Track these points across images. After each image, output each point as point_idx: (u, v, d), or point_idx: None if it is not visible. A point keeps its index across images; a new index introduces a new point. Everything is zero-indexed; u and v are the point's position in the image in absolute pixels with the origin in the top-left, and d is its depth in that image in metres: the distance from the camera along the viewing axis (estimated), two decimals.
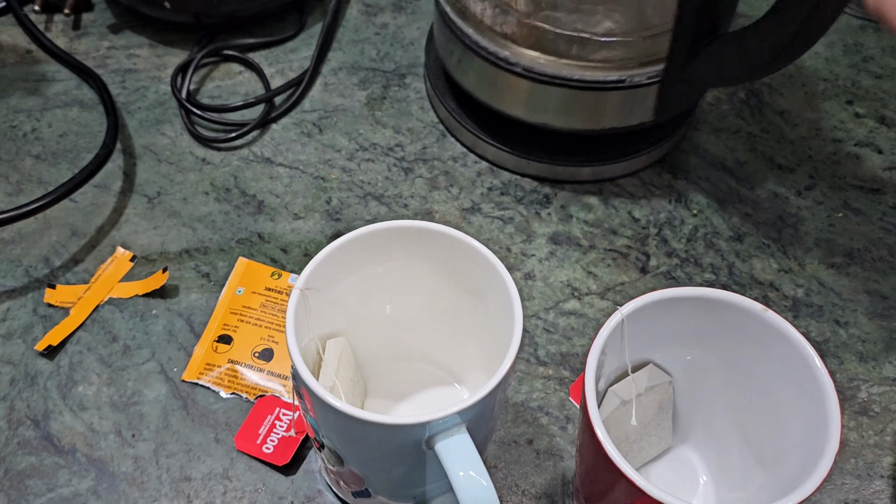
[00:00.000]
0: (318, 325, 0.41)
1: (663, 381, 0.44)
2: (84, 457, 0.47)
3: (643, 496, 0.35)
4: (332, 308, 0.42)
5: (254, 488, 0.46)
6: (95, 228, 0.57)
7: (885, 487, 0.48)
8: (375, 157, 0.61)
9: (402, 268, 0.43)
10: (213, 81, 0.65)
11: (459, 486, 0.35)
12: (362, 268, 0.42)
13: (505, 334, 0.38)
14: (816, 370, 0.37)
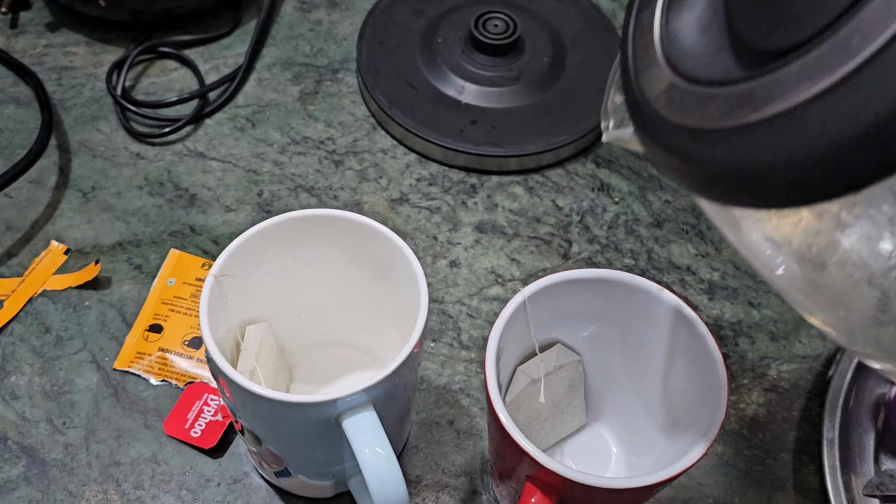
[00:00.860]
0: (236, 312, 0.43)
1: (572, 360, 0.46)
2: (15, 444, 0.48)
3: (539, 468, 0.36)
4: (251, 296, 0.44)
5: (182, 471, 0.48)
6: (30, 223, 0.58)
7: (789, 460, 0.50)
8: (307, 151, 0.62)
9: (315, 256, 0.44)
10: (149, 78, 0.67)
11: (364, 462, 0.36)
12: (277, 256, 0.43)
13: (415, 313, 0.40)
14: (707, 343, 0.40)
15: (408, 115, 0.62)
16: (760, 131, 0.19)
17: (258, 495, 0.47)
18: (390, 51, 0.66)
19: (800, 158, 0.18)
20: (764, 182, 0.20)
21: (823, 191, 0.19)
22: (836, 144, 0.18)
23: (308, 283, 0.46)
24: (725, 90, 0.21)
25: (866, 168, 0.18)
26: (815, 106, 0.18)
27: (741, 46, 0.22)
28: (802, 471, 0.50)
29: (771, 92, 0.20)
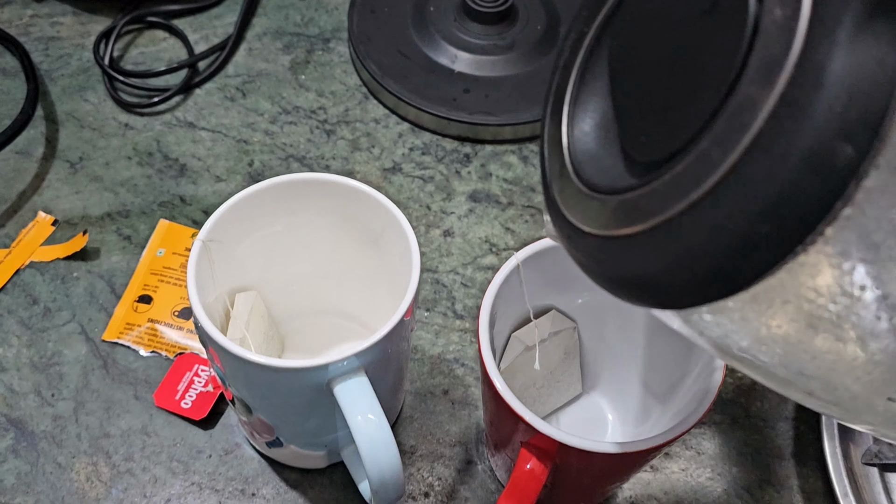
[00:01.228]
0: (225, 280, 0.42)
1: (567, 326, 0.45)
2: (3, 417, 0.47)
3: (534, 433, 0.36)
4: (240, 264, 0.43)
5: (172, 443, 0.47)
6: (17, 194, 0.57)
7: (787, 429, 0.50)
8: (298, 120, 0.61)
9: (305, 222, 0.43)
10: (137, 48, 0.65)
11: (356, 427, 0.36)
12: (266, 223, 0.43)
13: (407, 279, 0.39)
14: None
15: (400, 84, 0.61)
16: (643, 240, 0.20)
17: (250, 466, 0.47)
18: (382, 19, 0.65)
19: (680, 266, 0.19)
20: (653, 286, 0.21)
21: (710, 293, 0.20)
22: (709, 252, 0.19)
23: (298, 250, 0.45)
24: (617, 199, 0.22)
25: (745, 268, 0.19)
26: (687, 217, 0.19)
27: (629, 156, 0.23)
28: (801, 440, 0.49)
29: (650, 203, 0.21)
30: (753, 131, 0.18)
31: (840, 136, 0.17)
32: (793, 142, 0.17)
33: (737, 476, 0.48)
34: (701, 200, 0.19)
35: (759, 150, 0.17)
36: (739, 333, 0.22)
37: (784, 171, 0.17)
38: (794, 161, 0.17)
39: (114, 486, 0.45)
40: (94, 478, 0.46)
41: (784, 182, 0.17)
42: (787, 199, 0.17)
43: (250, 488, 0.46)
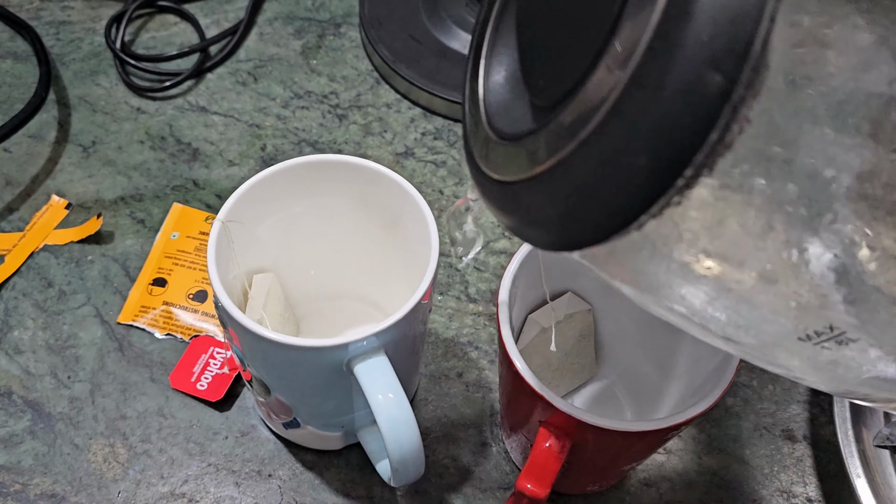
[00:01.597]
0: (243, 261, 0.42)
1: (582, 308, 0.45)
2: (20, 398, 0.48)
3: (553, 412, 0.36)
4: (258, 245, 0.43)
5: (188, 424, 0.47)
6: (30, 177, 0.57)
7: (800, 412, 0.50)
8: (310, 105, 0.61)
9: (323, 204, 0.43)
10: (148, 32, 0.65)
11: (377, 405, 0.36)
12: (285, 204, 0.43)
13: (425, 263, 0.39)
14: None
15: (412, 68, 0.61)
16: (540, 183, 0.21)
17: (266, 448, 0.47)
18: (393, 4, 0.65)
19: (574, 205, 0.20)
20: (553, 228, 0.21)
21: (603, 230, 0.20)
22: (599, 189, 0.19)
23: (316, 232, 0.45)
24: (520, 145, 0.23)
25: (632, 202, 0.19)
26: (576, 156, 0.20)
27: (533, 102, 0.24)
28: (813, 422, 0.50)
29: (545, 146, 0.21)
30: (631, 67, 0.18)
31: (709, 64, 0.17)
32: (666, 74, 0.17)
33: (749, 458, 0.48)
34: (588, 139, 0.19)
35: (636, 86, 0.18)
36: (643, 274, 0.22)
37: (659, 104, 0.18)
38: (667, 93, 0.17)
39: (131, 467, 0.46)
40: (111, 459, 0.46)
41: (660, 115, 0.18)
42: (664, 132, 0.18)
43: (266, 469, 0.46)
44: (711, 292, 0.21)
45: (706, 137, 0.18)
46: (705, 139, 0.18)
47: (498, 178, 0.23)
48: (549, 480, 0.37)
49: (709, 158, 0.18)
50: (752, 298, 0.21)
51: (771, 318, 0.21)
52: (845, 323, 0.21)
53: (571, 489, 0.45)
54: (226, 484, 0.45)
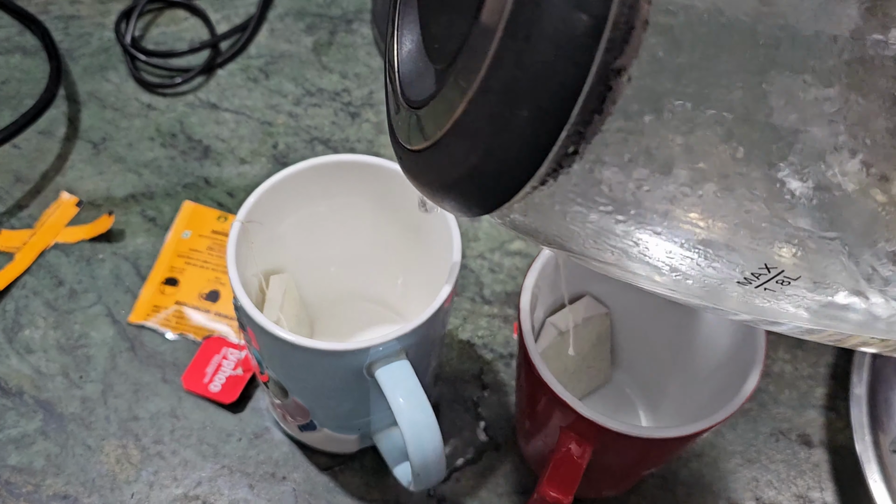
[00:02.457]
0: (261, 261, 0.42)
1: (600, 312, 0.45)
2: (31, 398, 0.47)
3: (576, 417, 0.36)
4: (276, 245, 0.43)
5: (202, 426, 0.47)
6: (40, 174, 0.56)
7: (816, 416, 0.50)
8: (322, 102, 0.61)
9: (344, 206, 0.43)
10: (158, 28, 0.65)
11: (399, 410, 0.35)
12: (305, 205, 0.42)
13: (445, 266, 0.39)
14: None
15: None
16: (442, 147, 0.21)
17: (280, 450, 0.46)
18: None
19: (476, 165, 0.20)
20: (463, 190, 0.21)
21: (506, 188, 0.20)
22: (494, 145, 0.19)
23: (337, 232, 0.44)
24: (424, 111, 0.23)
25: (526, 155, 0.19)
26: (468, 115, 0.19)
27: (434, 67, 0.24)
28: (830, 427, 0.49)
29: (441, 109, 0.21)
30: (504, 19, 0.18)
31: (574, 6, 0.17)
32: (534, 22, 0.17)
33: (766, 463, 0.48)
34: (475, 98, 0.19)
35: (509, 37, 0.18)
36: (566, 231, 0.22)
37: (532, 53, 0.17)
38: (538, 41, 0.17)
39: (144, 469, 0.45)
40: (124, 460, 0.45)
41: (534, 64, 0.17)
42: (540, 81, 0.17)
43: (280, 472, 0.46)
44: (636, 240, 0.21)
45: (583, 82, 0.17)
46: (582, 84, 0.17)
47: (410, 148, 0.23)
48: (573, 486, 0.36)
49: (598, 102, 0.18)
50: (681, 243, 0.21)
51: (704, 264, 0.21)
52: (781, 261, 0.21)
53: (588, 493, 0.45)
54: (240, 486, 0.45)
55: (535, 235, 0.23)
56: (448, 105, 0.20)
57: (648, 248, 0.21)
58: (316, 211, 0.43)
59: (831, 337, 0.24)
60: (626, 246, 0.21)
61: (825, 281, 0.21)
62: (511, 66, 0.18)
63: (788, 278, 0.21)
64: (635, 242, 0.21)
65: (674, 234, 0.20)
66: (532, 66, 0.17)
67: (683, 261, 0.21)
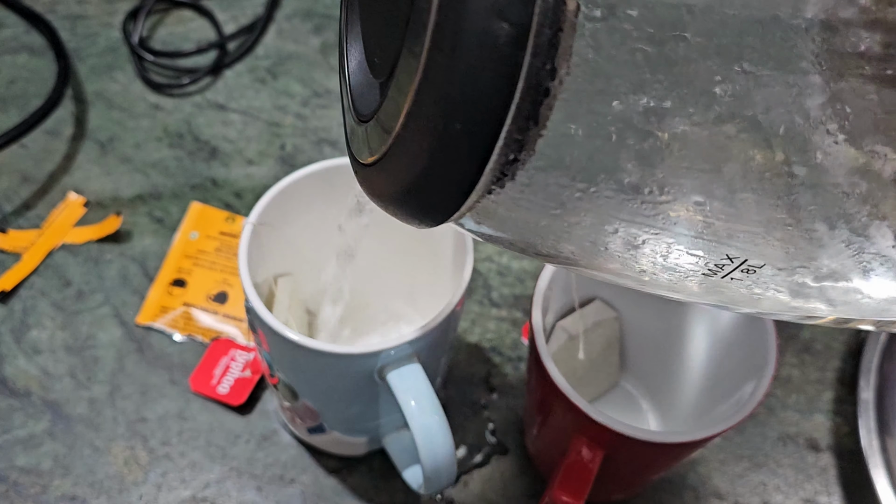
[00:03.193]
0: (271, 262, 0.42)
1: (609, 316, 0.45)
2: (39, 399, 0.47)
3: (588, 422, 0.36)
4: (286, 246, 0.42)
5: (209, 428, 0.47)
6: (47, 174, 0.56)
7: (824, 421, 0.50)
8: (330, 104, 0.61)
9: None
10: (166, 28, 0.65)
11: (411, 414, 0.35)
12: (316, 207, 0.42)
13: (456, 270, 0.39)
14: None
15: None
16: (389, 160, 0.21)
17: (288, 453, 0.46)
18: None
19: (421, 176, 0.20)
20: (415, 202, 0.21)
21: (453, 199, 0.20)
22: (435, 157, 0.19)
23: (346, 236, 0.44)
24: (370, 124, 0.23)
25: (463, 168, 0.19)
26: (408, 128, 0.19)
27: (377, 80, 0.24)
28: (837, 432, 0.49)
29: (384, 122, 0.21)
30: (429, 32, 0.18)
31: (494, 14, 0.17)
32: (458, 34, 0.17)
33: (774, 467, 0.48)
34: (411, 111, 0.19)
35: (436, 50, 0.18)
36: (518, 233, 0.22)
37: (458, 64, 0.17)
38: (463, 52, 0.17)
39: (152, 471, 0.45)
40: (131, 462, 0.45)
41: (462, 76, 0.17)
42: (470, 91, 0.17)
43: (289, 474, 0.46)
44: (591, 241, 0.21)
45: (513, 90, 0.17)
46: (513, 92, 0.17)
47: (361, 161, 0.23)
48: (584, 491, 0.36)
49: (533, 109, 0.17)
50: (637, 242, 0.21)
51: (662, 260, 0.21)
52: (742, 249, 0.20)
53: (597, 497, 0.45)
54: (248, 489, 0.45)
55: (496, 242, 0.23)
56: (389, 119, 0.20)
57: (606, 248, 0.21)
58: (326, 213, 0.43)
59: (832, 321, 0.24)
60: (582, 247, 0.21)
61: (790, 266, 0.21)
62: (440, 79, 0.18)
63: (753, 266, 0.21)
64: (591, 243, 0.21)
65: (628, 234, 0.20)
66: (460, 78, 0.17)
67: (642, 259, 0.21)
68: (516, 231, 0.22)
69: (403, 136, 0.20)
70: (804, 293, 0.22)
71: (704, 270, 0.21)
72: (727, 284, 0.22)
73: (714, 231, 0.20)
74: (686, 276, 0.22)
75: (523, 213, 0.20)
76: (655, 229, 0.20)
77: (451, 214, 0.20)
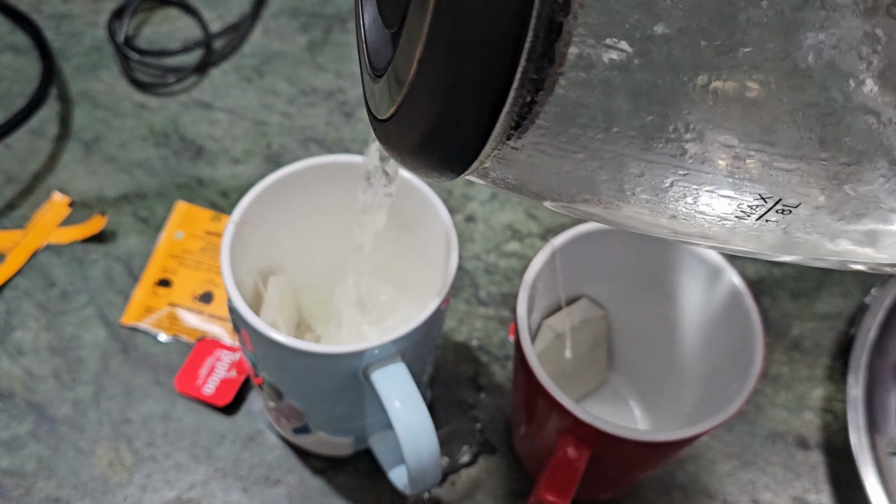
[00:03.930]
0: (256, 261, 0.41)
1: (597, 314, 0.44)
2: (23, 401, 0.47)
3: (574, 421, 0.35)
4: (271, 244, 0.42)
5: (194, 428, 0.46)
6: (31, 174, 0.56)
7: (813, 418, 0.50)
8: (316, 102, 0.60)
9: (338, 207, 0.43)
10: (151, 27, 0.64)
11: (395, 414, 0.35)
12: (299, 204, 0.42)
13: (441, 269, 0.39)
14: (740, 294, 0.39)
15: None
16: (406, 111, 0.20)
17: (274, 453, 0.46)
18: None
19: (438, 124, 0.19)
20: (434, 153, 0.21)
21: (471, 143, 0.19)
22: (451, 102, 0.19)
23: (330, 234, 0.44)
24: (385, 78, 0.22)
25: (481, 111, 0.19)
26: (422, 75, 0.19)
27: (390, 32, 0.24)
28: (826, 429, 0.49)
29: (398, 73, 0.21)
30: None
31: None
32: None
33: (763, 465, 0.47)
34: (423, 58, 0.18)
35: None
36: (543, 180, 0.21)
37: (466, 3, 0.17)
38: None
39: (136, 472, 0.45)
40: (116, 463, 0.45)
41: (470, 14, 0.17)
42: (481, 32, 0.17)
43: (274, 475, 0.45)
44: (618, 186, 0.20)
45: (526, 28, 0.17)
46: (525, 30, 0.17)
47: (379, 118, 0.23)
48: (571, 490, 0.36)
49: (548, 47, 0.17)
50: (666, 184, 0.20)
51: (692, 202, 0.21)
52: (776, 188, 0.20)
53: (585, 496, 0.45)
54: (233, 490, 0.45)
55: (520, 191, 0.22)
56: (402, 69, 0.20)
57: (633, 193, 0.21)
58: (310, 212, 0.43)
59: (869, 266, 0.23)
60: (609, 193, 0.21)
61: (826, 204, 0.20)
62: (450, 21, 0.17)
63: (788, 207, 0.20)
64: (617, 188, 0.21)
65: (655, 176, 0.20)
66: (470, 18, 0.17)
67: (671, 203, 0.21)
68: (541, 179, 0.21)
69: (417, 83, 0.19)
70: (841, 234, 0.21)
71: (737, 213, 0.20)
72: (762, 227, 0.21)
73: (745, 169, 0.19)
74: (718, 220, 0.21)
75: (546, 160, 0.20)
76: (683, 169, 0.19)
77: (471, 163, 0.20)
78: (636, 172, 0.20)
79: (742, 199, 0.20)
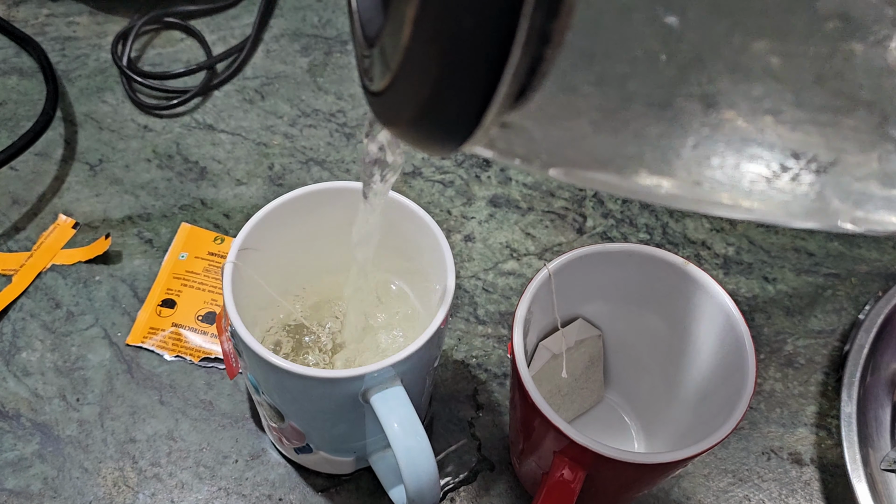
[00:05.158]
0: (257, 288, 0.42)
1: (592, 334, 0.45)
2: (29, 421, 0.48)
3: (569, 443, 0.36)
4: (271, 271, 0.43)
5: (199, 448, 0.47)
6: (37, 196, 0.57)
7: (807, 434, 0.50)
8: (317, 123, 0.61)
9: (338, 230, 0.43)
10: (155, 49, 0.65)
11: (394, 437, 0.36)
12: (300, 230, 0.43)
13: (439, 291, 0.39)
14: (733, 317, 0.39)
15: None
16: (402, 80, 0.19)
17: (277, 472, 0.47)
18: None
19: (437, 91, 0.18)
20: (435, 122, 0.19)
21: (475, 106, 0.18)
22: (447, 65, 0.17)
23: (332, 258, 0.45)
24: (377, 47, 0.21)
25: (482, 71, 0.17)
26: (417, 40, 0.18)
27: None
28: (821, 445, 0.50)
29: (391, 40, 0.19)
30: None
31: None
32: None
33: (757, 482, 0.48)
34: (418, 17, 0.17)
35: None
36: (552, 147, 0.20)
37: None
38: None
39: (141, 492, 0.46)
40: (121, 483, 0.46)
41: None
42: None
43: (277, 493, 0.46)
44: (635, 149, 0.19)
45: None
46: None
47: (373, 90, 0.22)
48: None
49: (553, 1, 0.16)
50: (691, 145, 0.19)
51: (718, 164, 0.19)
52: (807, 147, 0.18)
53: None
54: None
55: (529, 160, 0.21)
56: (396, 34, 0.19)
57: (654, 160, 0.19)
58: (310, 235, 0.43)
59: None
60: (628, 158, 0.20)
61: (859, 167, 0.19)
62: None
63: (821, 167, 0.19)
64: (636, 152, 0.19)
65: (676, 137, 0.18)
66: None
67: (695, 167, 0.19)
68: (553, 147, 0.20)
69: (412, 46, 0.18)
70: (873, 197, 0.20)
71: (767, 174, 0.19)
72: (793, 189, 0.20)
73: (774, 130, 0.18)
74: (747, 182, 0.19)
75: (558, 125, 0.19)
76: (708, 127, 0.18)
77: (473, 129, 0.19)
78: (656, 133, 0.18)
79: (772, 157, 0.19)
